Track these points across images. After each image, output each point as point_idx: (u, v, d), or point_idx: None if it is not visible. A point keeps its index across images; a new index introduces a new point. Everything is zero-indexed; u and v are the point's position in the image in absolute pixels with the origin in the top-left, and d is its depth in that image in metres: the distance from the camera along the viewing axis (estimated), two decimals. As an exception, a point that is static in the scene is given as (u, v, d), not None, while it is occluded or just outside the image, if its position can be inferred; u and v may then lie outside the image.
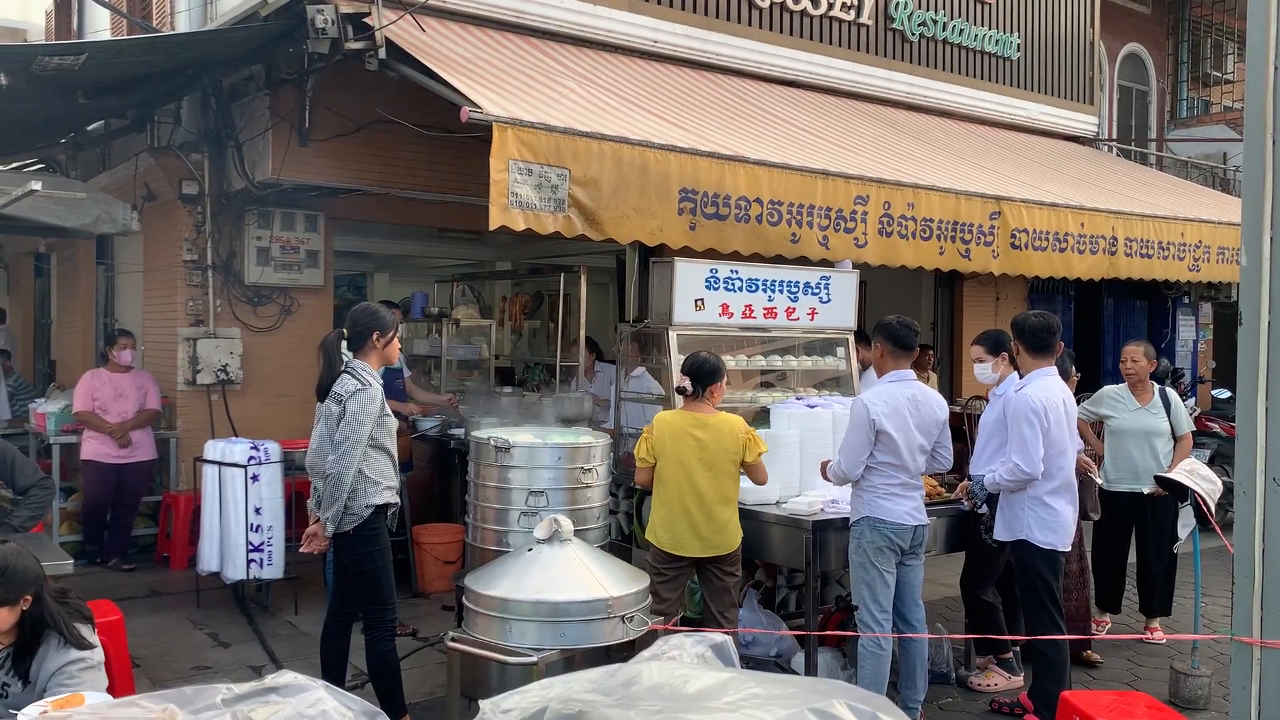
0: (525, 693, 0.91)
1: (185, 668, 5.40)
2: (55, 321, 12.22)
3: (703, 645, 0.97)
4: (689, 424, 4.73)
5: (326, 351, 4.50)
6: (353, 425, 4.33)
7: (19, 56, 5.59)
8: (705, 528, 4.71)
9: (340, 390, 4.39)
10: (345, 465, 4.33)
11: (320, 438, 4.45)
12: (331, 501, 4.35)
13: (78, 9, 11.63)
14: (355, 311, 4.64)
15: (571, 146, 5.41)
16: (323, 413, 4.47)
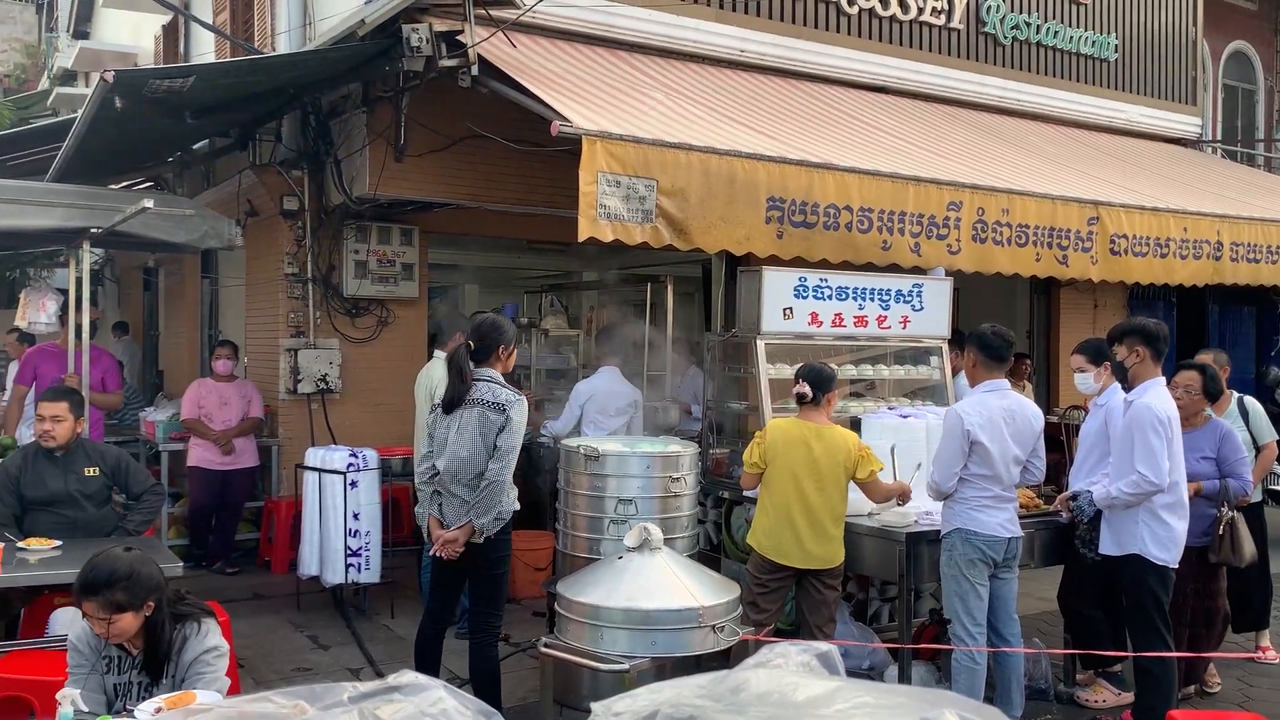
0: (635, 696, 0.93)
1: (286, 669, 5.57)
2: (162, 333, 12.74)
3: (808, 654, 0.98)
4: (804, 433, 4.71)
5: (458, 364, 4.53)
6: (516, 434, 4.44)
7: (133, 80, 5.85)
8: (810, 540, 4.68)
9: (499, 399, 4.45)
10: (506, 474, 4.43)
11: (471, 446, 4.46)
12: (489, 508, 4.42)
13: (184, 33, 12.13)
14: (481, 325, 4.67)
15: (659, 158, 5.45)
16: (467, 422, 4.49)
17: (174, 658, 3.30)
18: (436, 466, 4.57)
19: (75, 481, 5.05)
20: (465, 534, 4.46)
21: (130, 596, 3.14)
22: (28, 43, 20.89)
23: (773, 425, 4.82)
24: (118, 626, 3.17)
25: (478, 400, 4.47)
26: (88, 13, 16.26)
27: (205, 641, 3.29)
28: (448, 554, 4.52)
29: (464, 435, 4.49)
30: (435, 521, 4.59)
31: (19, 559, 4.54)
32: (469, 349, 4.57)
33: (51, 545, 4.68)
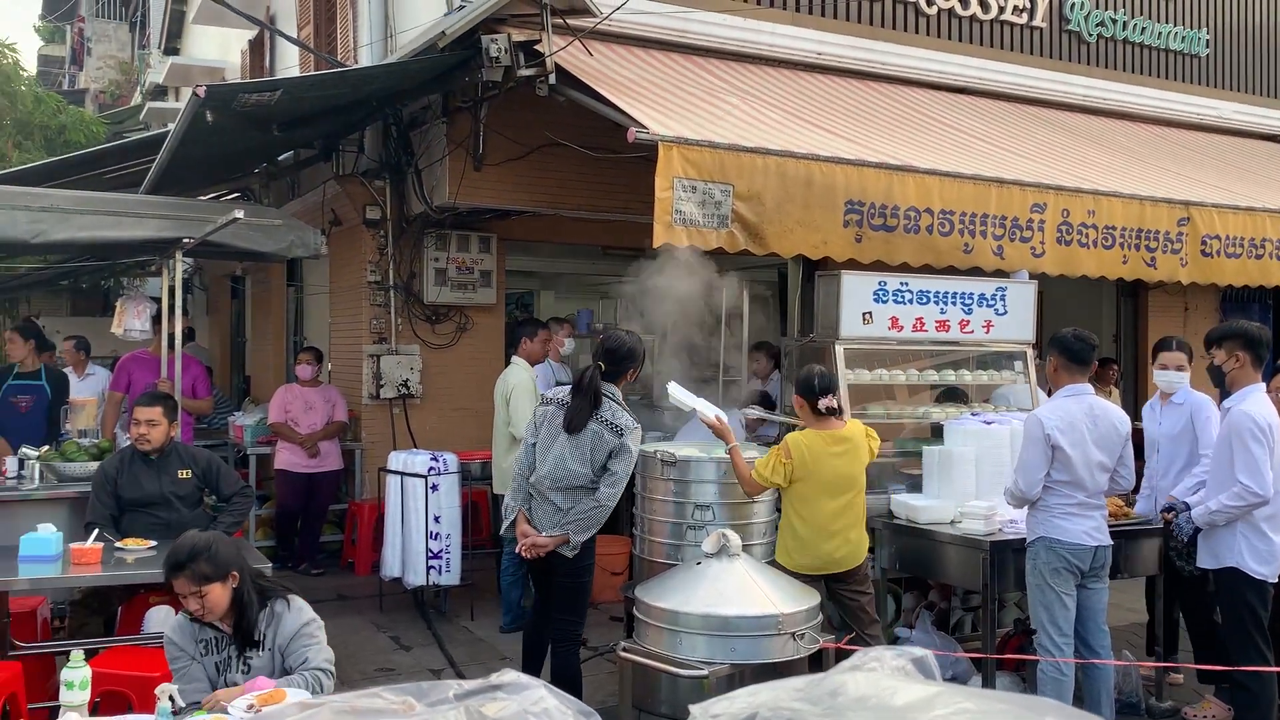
0: (733, 699, 0.93)
1: (370, 669, 5.68)
2: (249, 340, 13.09)
3: (903, 658, 0.97)
4: (828, 444, 4.61)
5: (591, 389, 4.54)
6: (630, 460, 4.50)
7: (224, 94, 6.04)
8: (843, 549, 4.64)
9: (618, 421, 4.49)
10: (616, 496, 4.49)
11: (581, 459, 4.51)
12: (590, 527, 4.49)
13: (270, 48, 12.47)
14: (616, 351, 4.66)
15: (736, 162, 5.44)
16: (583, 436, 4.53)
17: (270, 634, 3.43)
18: (535, 467, 4.61)
19: (169, 484, 5.22)
20: (556, 542, 4.51)
21: (214, 567, 3.30)
22: (122, 60, 21.67)
23: (794, 442, 4.62)
24: (209, 600, 3.32)
25: (596, 417, 4.52)
26: (178, 30, 16.83)
27: (301, 615, 3.46)
28: (531, 555, 4.57)
29: (578, 447, 4.52)
30: (523, 516, 4.64)
31: (117, 558, 4.70)
32: (599, 370, 4.60)
33: (147, 545, 4.84)
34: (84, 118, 15.73)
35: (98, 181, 9.06)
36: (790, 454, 4.59)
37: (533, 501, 4.64)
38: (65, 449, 6.16)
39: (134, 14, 21.37)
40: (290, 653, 3.40)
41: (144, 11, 19.54)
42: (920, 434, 6.18)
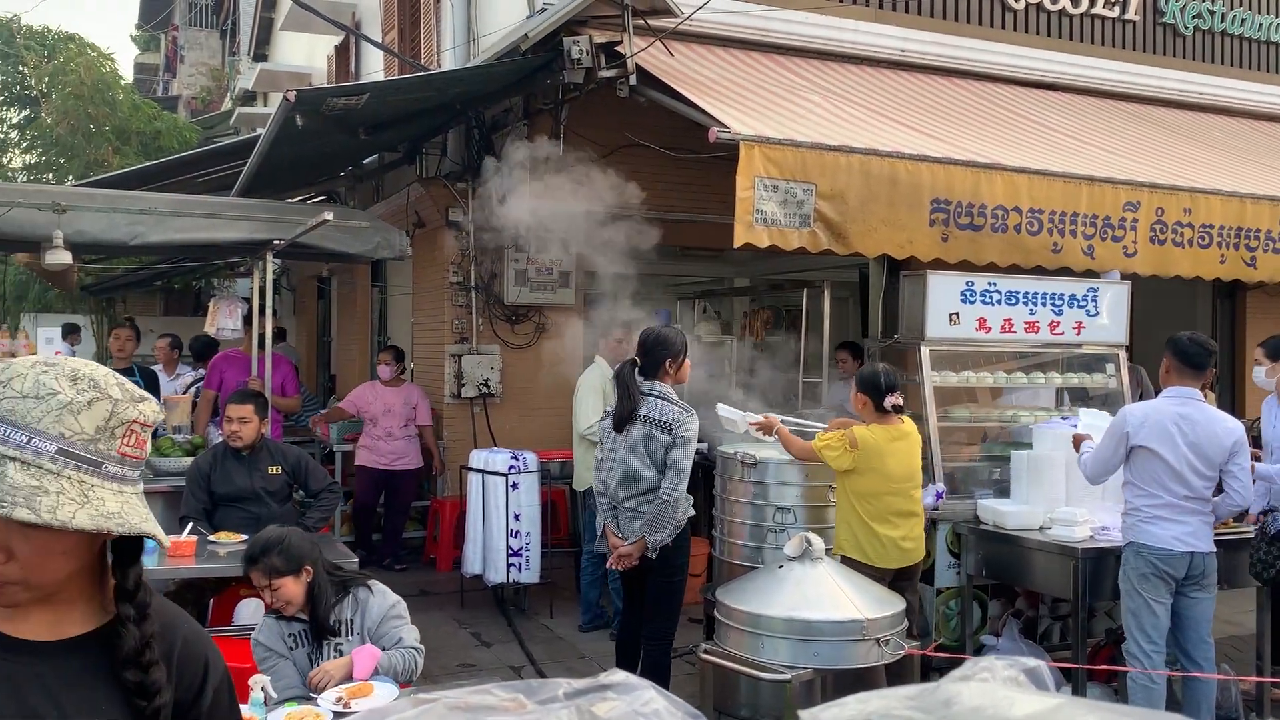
0: (843, 705, 0.91)
1: (452, 664, 5.75)
2: (335, 339, 13.38)
3: (1014, 668, 0.94)
4: (891, 437, 4.66)
5: (624, 381, 4.58)
6: (687, 452, 4.46)
7: (313, 98, 6.18)
8: (908, 538, 4.66)
9: (665, 418, 4.47)
10: (679, 492, 4.46)
11: (640, 464, 4.51)
12: (662, 526, 4.46)
13: (355, 53, 12.73)
14: (646, 339, 4.68)
15: (818, 161, 5.38)
16: (634, 440, 4.53)
17: (358, 619, 3.51)
18: (607, 481, 4.63)
19: (260, 479, 5.34)
20: (639, 549, 4.51)
21: (286, 561, 3.39)
22: (213, 66, 22.34)
23: (864, 437, 4.63)
24: (281, 593, 3.40)
25: (644, 418, 4.51)
26: (266, 36, 17.27)
27: (386, 597, 3.55)
28: (622, 566, 4.58)
29: (633, 453, 4.52)
30: (609, 530, 4.66)
31: (210, 551, 4.83)
32: (634, 365, 4.61)
33: (239, 539, 4.96)
34: (178, 123, 16.25)
35: (191, 185, 9.36)
36: (857, 444, 4.62)
37: (617, 513, 4.65)
38: (160, 445, 6.35)
39: (224, 22, 22.02)
40: (382, 635, 3.49)
41: (234, 19, 20.11)
42: (1005, 437, 6.05)
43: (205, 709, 1.43)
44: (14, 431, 1.23)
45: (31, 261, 8.74)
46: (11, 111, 16.07)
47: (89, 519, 1.23)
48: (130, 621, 1.35)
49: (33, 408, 1.24)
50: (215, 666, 1.47)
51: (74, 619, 1.36)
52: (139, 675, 1.34)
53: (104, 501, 1.26)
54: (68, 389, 1.26)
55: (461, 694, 0.98)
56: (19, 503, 1.19)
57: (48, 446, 1.24)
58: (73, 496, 1.23)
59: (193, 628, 1.48)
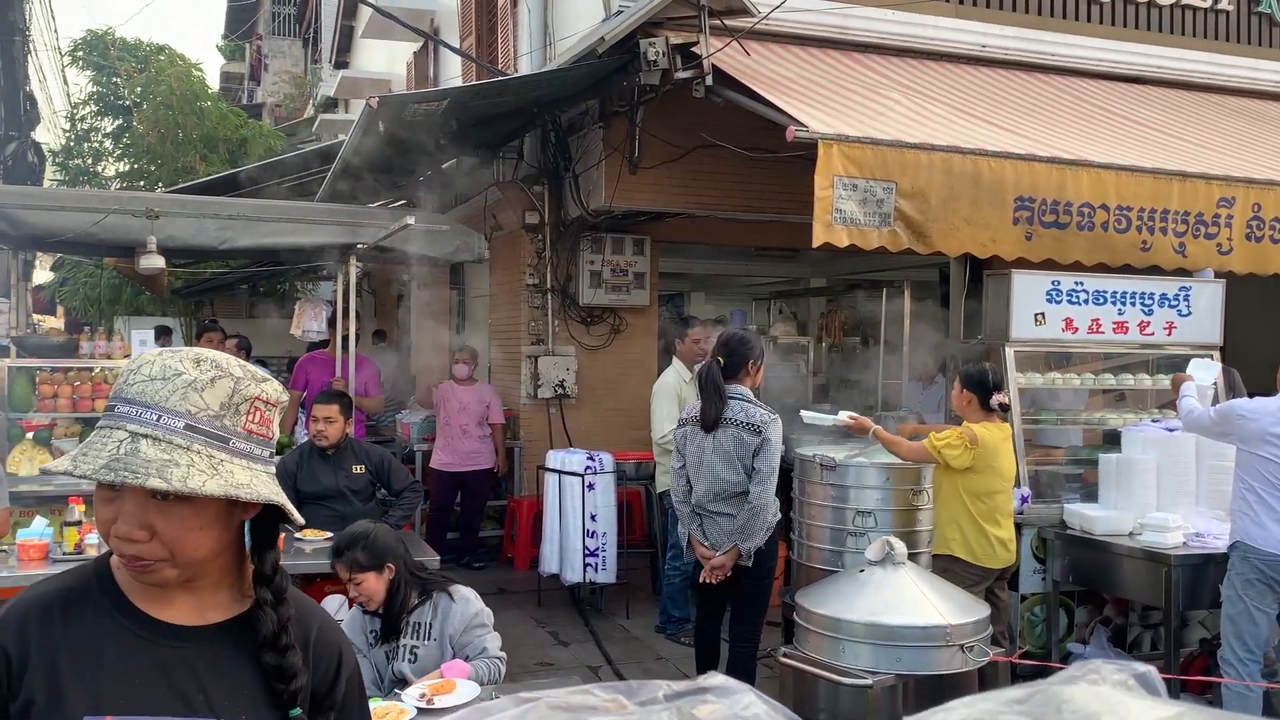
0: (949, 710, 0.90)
1: (530, 663, 5.80)
2: (414, 341, 13.59)
3: (1124, 672, 0.91)
4: (1003, 435, 4.68)
5: (713, 383, 4.57)
6: (774, 455, 4.46)
7: (395, 105, 6.29)
8: (1011, 542, 4.68)
9: (752, 420, 4.47)
10: (768, 496, 4.45)
11: (730, 467, 4.51)
12: (754, 531, 4.46)
13: (433, 58, 12.93)
14: (730, 340, 4.69)
15: (899, 159, 5.30)
16: (723, 443, 4.52)
17: (437, 625, 3.54)
18: (694, 486, 4.62)
19: (344, 478, 5.45)
20: (731, 558, 4.50)
21: (370, 557, 3.44)
22: (296, 74, 22.89)
23: (982, 434, 4.61)
24: (363, 588, 3.46)
25: (731, 420, 4.49)
26: (347, 44, 17.64)
27: (469, 606, 3.56)
28: (716, 579, 4.55)
29: (723, 456, 4.51)
30: (696, 541, 4.65)
31: (296, 548, 4.94)
32: (718, 365, 4.59)
33: (324, 537, 5.07)
34: (263, 130, 16.67)
35: (276, 190, 9.59)
36: (977, 441, 4.58)
37: (703, 521, 4.63)
38: (248, 444, 6.51)
39: (307, 30, 22.54)
40: (464, 643, 3.51)
41: (316, 28, 20.57)
42: (1093, 440, 5.90)
43: (340, 698, 1.48)
44: (145, 411, 1.30)
45: (125, 265, 9.05)
46: (106, 121, 16.64)
47: (219, 487, 1.29)
48: (268, 605, 1.40)
49: (160, 388, 1.31)
50: (348, 657, 1.52)
51: (218, 605, 1.41)
52: (276, 659, 1.39)
53: (233, 474, 1.32)
54: (192, 369, 1.33)
55: (562, 694, 0.98)
56: (152, 474, 1.25)
57: (176, 423, 1.30)
58: (202, 469, 1.29)
59: (327, 619, 1.53)
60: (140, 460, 1.26)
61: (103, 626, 1.36)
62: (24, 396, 6.14)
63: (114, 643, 1.35)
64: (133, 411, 1.30)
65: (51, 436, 6.24)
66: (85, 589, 1.39)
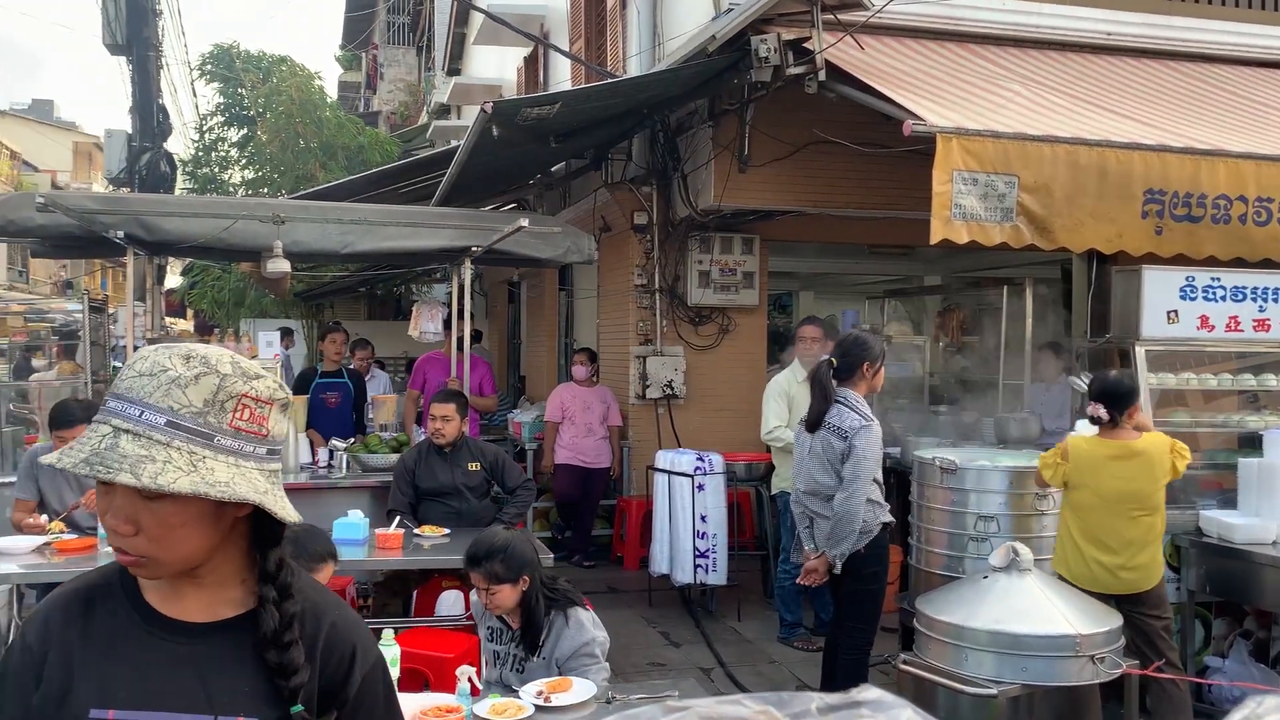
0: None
1: (641, 662, 5.81)
2: (524, 341, 13.80)
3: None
4: (1111, 453, 4.27)
5: (820, 383, 4.53)
6: (861, 462, 4.36)
7: (508, 109, 6.38)
8: (1125, 568, 4.27)
9: (843, 425, 4.41)
10: (854, 503, 4.37)
11: (822, 470, 4.47)
12: (842, 538, 4.39)
13: (543, 63, 13.08)
14: (844, 341, 4.64)
15: (1021, 152, 5.14)
16: (815, 445, 4.49)
17: (549, 644, 3.55)
18: (796, 486, 4.58)
19: (461, 475, 5.56)
20: (823, 565, 4.45)
21: (506, 569, 3.44)
22: (410, 82, 23.47)
23: (1075, 446, 4.36)
24: (498, 598, 3.47)
25: (827, 423, 4.44)
26: (459, 51, 17.99)
27: (582, 634, 3.51)
28: (810, 583, 4.51)
29: (815, 457, 4.48)
30: (803, 542, 4.61)
31: (415, 544, 5.05)
32: (831, 366, 4.53)
33: (441, 533, 5.17)
34: (379, 138, 17.14)
35: (393, 196, 9.84)
36: (1067, 456, 4.35)
37: (812, 521, 4.58)
38: (369, 442, 6.71)
39: (420, 39, 23.10)
40: (569, 669, 3.48)
41: (429, 36, 21.05)
42: (1229, 444, 5.60)
43: (352, 694, 1.45)
44: (130, 407, 1.31)
45: (252, 270, 9.40)
46: (232, 131, 17.35)
47: (189, 485, 1.27)
48: (271, 603, 1.39)
49: (146, 384, 1.32)
50: (366, 653, 1.48)
51: (227, 602, 1.42)
52: (278, 655, 1.38)
53: (213, 471, 1.31)
54: (179, 366, 1.33)
55: (711, 703, 0.96)
56: (125, 469, 1.26)
57: (157, 419, 1.30)
58: (179, 465, 1.29)
59: (345, 615, 1.51)
60: (116, 456, 1.27)
61: (118, 622, 1.39)
62: (160, 395, 6.41)
63: (127, 638, 1.38)
64: (119, 407, 1.32)
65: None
66: (107, 586, 1.42)
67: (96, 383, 7.69)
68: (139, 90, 11.53)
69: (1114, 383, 4.35)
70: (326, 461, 6.66)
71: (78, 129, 50.57)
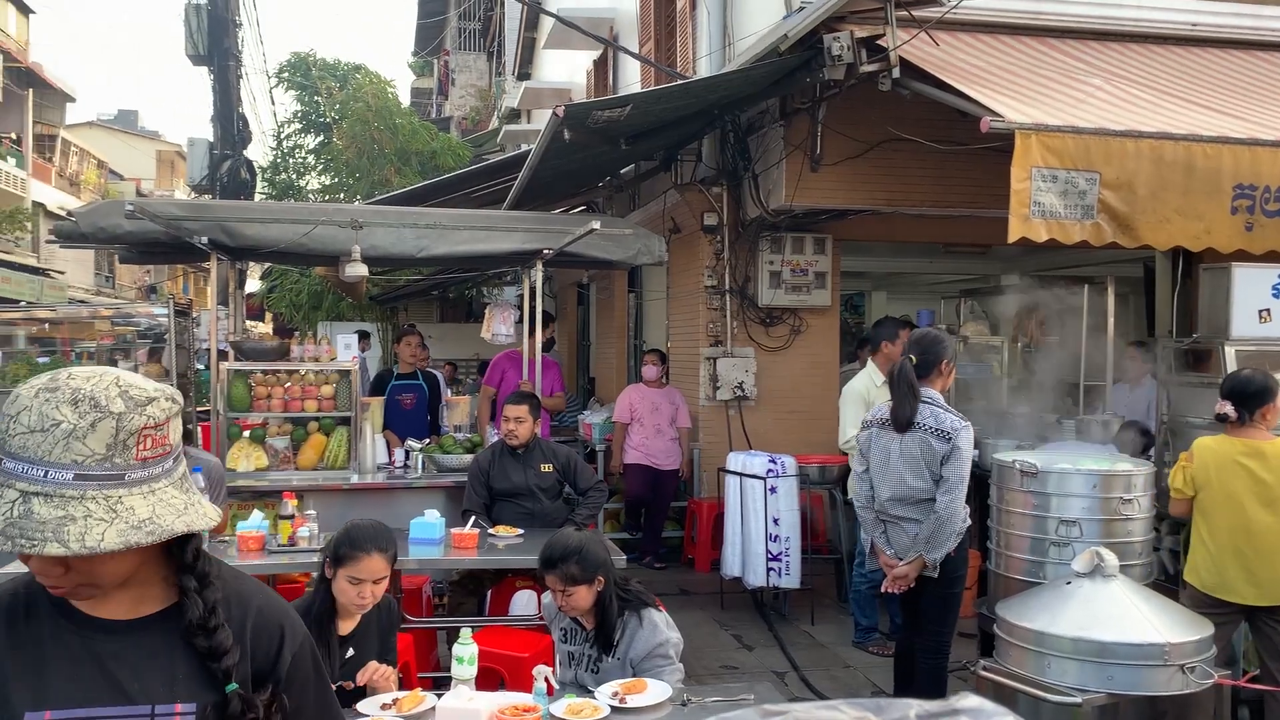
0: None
1: (714, 665, 5.79)
2: (593, 343, 13.87)
3: None
4: (1239, 452, 4.14)
5: (906, 381, 4.45)
6: (963, 463, 4.31)
7: (580, 113, 6.41)
8: (1262, 572, 4.11)
9: (943, 426, 4.34)
10: (958, 505, 4.32)
11: (916, 472, 4.41)
12: (941, 543, 4.33)
13: (612, 66, 13.14)
14: (921, 339, 4.59)
15: (1103, 148, 5.01)
16: (910, 447, 4.42)
17: (623, 645, 3.56)
18: (876, 490, 4.51)
19: (534, 476, 5.60)
20: (916, 569, 4.38)
21: (582, 570, 3.47)
22: (481, 87, 23.76)
23: (1200, 445, 4.24)
24: (573, 599, 3.50)
25: (921, 424, 4.36)
26: (529, 56, 18.17)
27: (655, 635, 3.52)
28: (898, 589, 4.44)
29: (909, 460, 4.39)
30: (881, 548, 4.55)
31: (489, 544, 5.09)
32: (910, 364, 4.46)
33: (516, 533, 5.22)
34: (451, 143, 17.39)
35: (466, 200, 9.97)
36: (1192, 457, 4.24)
37: (887, 527, 4.52)
38: (443, 442, 6.80)
39: (491, 44, 23.36)
40: (643, 670, 3.49)
41: (500, 41, 21.28)
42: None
43: (284, 672, 1.49)
44: (30, 468, 1.27)
45: (329, 274, 9.60)
46: (308, 138, 17.75)
47: (118, 535, 1.27)
48: (192, 591, 1.43)
49: (41, 441, 1.27)
50: (292, 633, 1.53)
51: (151, 597, 1.45)
52: (206, 640, 1.42)
53: (133, 511, 1.31)
54: (70, 415, 1.29)
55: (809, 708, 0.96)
56: (49, 538, 1.24)
57: (64, 475, 1.27)
58: (100, 516, 1.28)
59: (269, 599, 1.55)
60: (35, 524, 1.25)
61: (43, 627, 1.40)
62: (241, 397, 6.59)
63: (54, 642, 1.40)
64: (19, 468, 1.27)
65: (266, 435, 6.68)
66: (28, 594, 1.43)
67: (184, 383, 7.91)
68: (220, 99, 11.85)
69: (1244, 380, 4.23)
70: (402, 462, 6.77)
71: (160, 138, 52.16)
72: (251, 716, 1.43)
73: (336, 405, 6.69)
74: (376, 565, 3.42)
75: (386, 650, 3.59)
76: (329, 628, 3.43)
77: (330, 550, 3.48)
